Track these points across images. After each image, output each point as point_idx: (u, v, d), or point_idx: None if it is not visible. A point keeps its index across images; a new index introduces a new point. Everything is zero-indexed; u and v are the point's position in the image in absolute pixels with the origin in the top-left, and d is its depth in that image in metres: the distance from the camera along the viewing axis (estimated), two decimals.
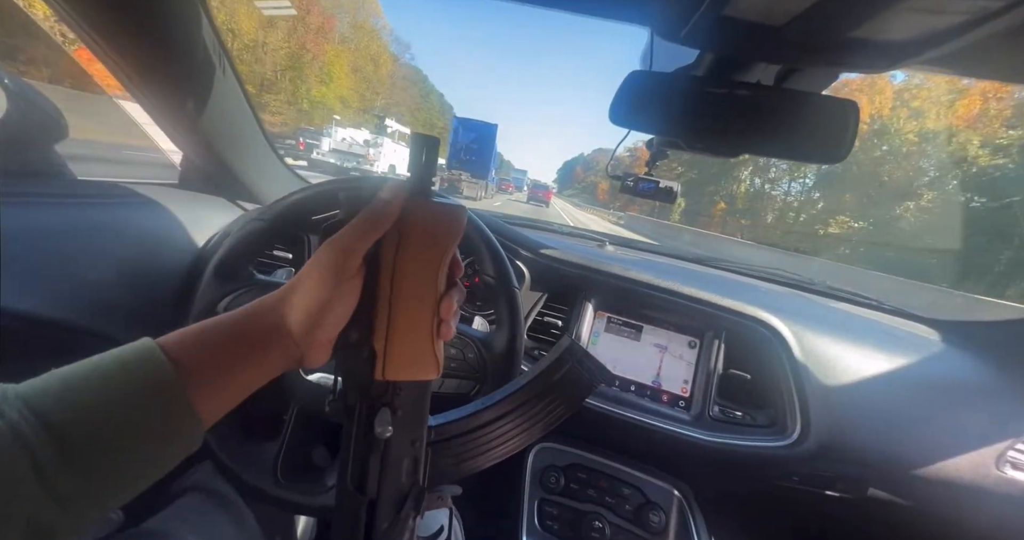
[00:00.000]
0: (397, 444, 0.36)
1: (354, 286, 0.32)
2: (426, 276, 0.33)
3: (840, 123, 0.60)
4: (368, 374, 0.34)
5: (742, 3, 0.45)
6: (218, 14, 1.11)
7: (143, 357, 0.26)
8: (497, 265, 0.63)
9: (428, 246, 0.33)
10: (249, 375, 0.30)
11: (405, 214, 0.32)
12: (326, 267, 0.32)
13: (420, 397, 0.37)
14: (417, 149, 0.33)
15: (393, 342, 0.33)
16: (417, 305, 0.34)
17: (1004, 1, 0.35)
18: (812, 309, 1.05)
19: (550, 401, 0.43)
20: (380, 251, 0.33)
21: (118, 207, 0.70)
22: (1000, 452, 0.73)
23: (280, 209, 0.65)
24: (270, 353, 0.31)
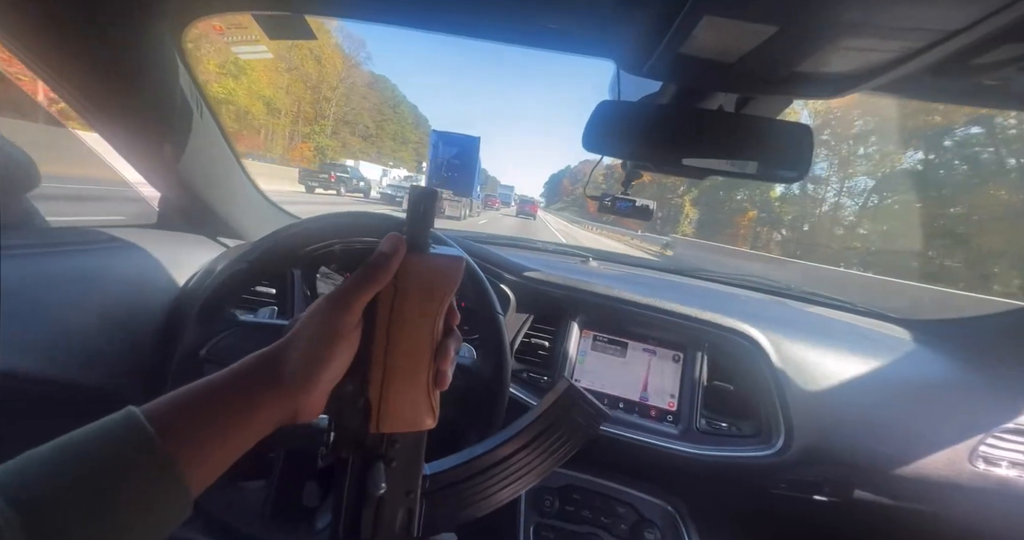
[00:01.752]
0: (391, 497, 0.35)
1: (352, 340, 0.32)
2: (423, 327, 0.33)
3: (796, 145, 0.64)
4: (363, 427, 0.33)
5: (696, 43, 0.49)
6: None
7: (127, 428, 0.26)
8: (480, 293, 0.64)
9: (425, 298, 0.33)
10: (241, 437, 0.29)
11: (403, 267, 0.32)
12: (324, 323, 0.31)
13: (415, 448, 0.36)
14: (416, 202, 0.33)
15: (389, 394, 0.33)
16: (413, 357, 0.33)
17: (922, 42, 0.39)
18: (790, 315, 1.09)
19: (549, 445, 0.43)
20: (377, 304, 0.33)
21: (95, 253, 0.69)
22: (972, 447, 0.76)
23: (264, 249, 0.65)
24: (263, 411, 0.30)
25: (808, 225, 35.61)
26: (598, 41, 0.62)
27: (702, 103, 0.68)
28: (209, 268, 0.80)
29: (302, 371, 0.31)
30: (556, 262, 1.17)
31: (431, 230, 0.35)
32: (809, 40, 0.43)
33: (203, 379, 0.30)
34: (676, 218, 51.29)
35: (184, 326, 0.64)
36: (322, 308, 0.32)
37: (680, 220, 50.61)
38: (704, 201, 47.72)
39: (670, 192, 51.71)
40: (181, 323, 0.66)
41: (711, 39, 0.47)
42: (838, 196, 33.71)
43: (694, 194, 49.10)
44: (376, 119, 73.73)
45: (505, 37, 0.64)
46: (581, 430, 0.44)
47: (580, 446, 0.44)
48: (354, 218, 0.66)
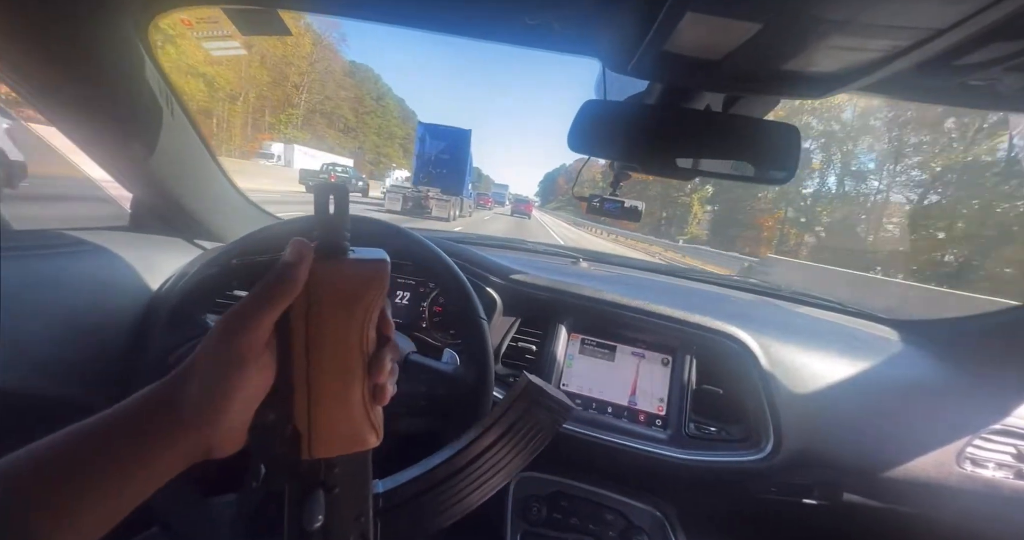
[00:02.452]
0: (338, 525, 0.32)
1: (261, 364, 0.28)
2: (347, 341, 0.30)
3: (784, 146, 0.63)
4: (293, 455, 0.30)
5: (680, 40, 0.47)
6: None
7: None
8: (462, 298, 0.63)
9: (346, 308, 0.30)
10: (140, 481, 0.25)
11: (314, 277, 0.29)
12: (223, 349, 0.27)
13: (360, 469, 0.33)
14: (322, 201, 0.30)
15: (318, 418, 0.30)
16: (341, 374, 0.30)
17: (909, 41, 0.38)
18: (779, 316, 1.08)
19: (514, 444, 0.41)
20: (290, 321, 0.29)
21: (62, 257, 0.66)
22: (960, 449, 0.76)
23: (238, 251, 0.63)
24: (164, 452, 0.26)
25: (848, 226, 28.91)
26: (581, 38, 0.61)
27: (689, 103, 0.67)
28: (184, 271, 0.78)
29: (205, 406, 0.27)
30: (545, 263, 1.16)
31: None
32: (794, 38, 0.42)
33: (93, 419, 0.26)
34: (684, 218, 46.60)
35: (153, 332, 0.61)
36: (217, 332, 0.28)
37: (688, 221, 45.88)
38: (720, 199, 42.13)
39: (676, 190, 46.36)
40: (150, 329, 0.63)
41: (695, 36, 0.46)
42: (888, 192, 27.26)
43: (705, 193, 44.22)
44: (357, 111, 65.66)
45: (485, 34, 0.62)
46: (545, 426, 0.42)
47: (546, 442, 0.43)
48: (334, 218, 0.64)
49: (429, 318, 0.93)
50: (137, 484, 0.25)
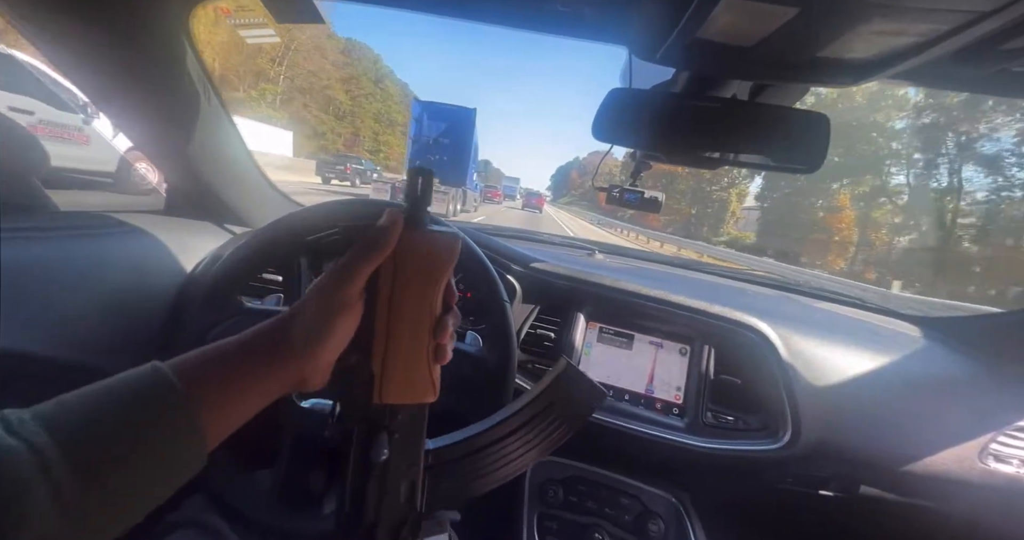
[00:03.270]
0: (395, 468, 0.36)
1: (354, 311, 0.33)
2: (422, 302, 0.35)
3: (812, 135, 0.63)
4: (366, 397, 0.34)
5: (713, 27, 0.47)
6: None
7: (152, 379, 0.27)
8: (487, 282, 0.64)
9: (423, 273, 0.34)
10: (252, 397, 0.31)
11: (401, 242, 0.34)
12: (328, 292, 0.33)
13: (417, 421, 0.37)
14: (412, 180, 0.35)
15: (390, 366, 0.34)
16: (414, 330, 0.35)
17: (952, 24, 0.38)
18: (798, 311, 1.08)
19: (549, 423, 0.43)
20: (378, 278, 0.34)
21: (102, 238, 0.69)
22: (983, 445, 0.76)
23: (270, 234, 0.65)
24: (273, 375, 0.32)
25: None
26: (611, 25, 0.61)
27: (715, 91, 0.67)
28: (216, 254, 0.80)
29: (307, 341, 0.32)
30: (562, 254, 1.17)
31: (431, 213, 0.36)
32: (831, 23, 0.42)
33: (220, 341, 0.32)
34: (719, 216, 38.24)
35: (190, 311, 0.64)
36: (326, 280, 0.33)
37: (725, 219, 37.47)
38: (772, 196, 33.71)
39: (711, 184, 39.39)
40: (187, 308, 0.66)
41: (729, 22, 0.46)
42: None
43: (743, 189, 37.86)
44: (352, 93, 57.75)
45: (515, 22, 0.63)
46: (579, 408, 0.45)
47: (579, 425, 0.45)
48: (359, 205, 0.65)
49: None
50: (251, 396, 0.31)
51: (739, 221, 36.57)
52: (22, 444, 0.22)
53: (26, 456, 0.22)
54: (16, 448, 0.22)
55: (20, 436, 0.22)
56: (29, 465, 0.22)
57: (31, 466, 0.22)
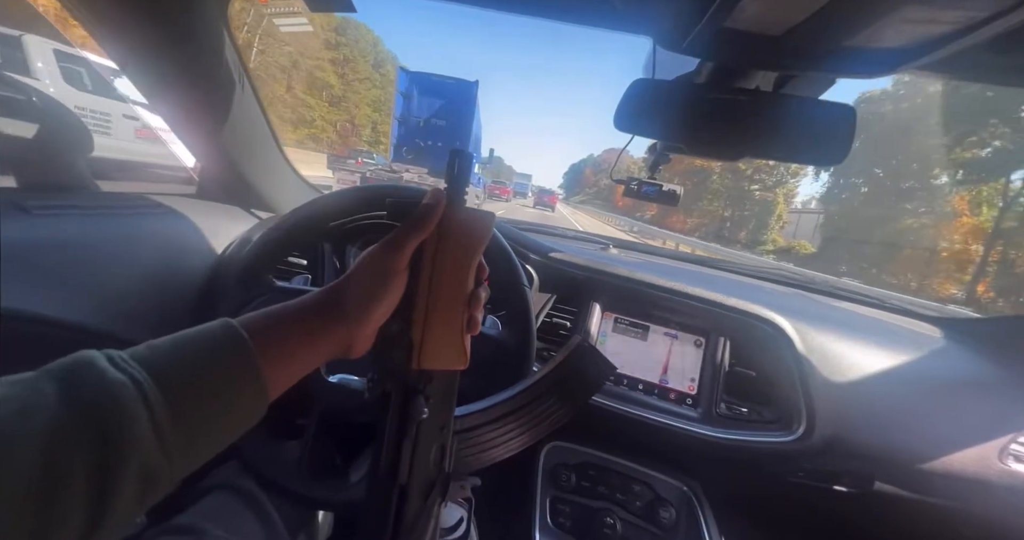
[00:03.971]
0: (428, 430, 0.39)
1: (401, 281, 0.36)
2: (459, 275, 0.37)
3: (838, 127, 0.63)
4: (405, 363, 0.37)
5: (742, 15, 0.48)
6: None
7: (224, 331, 0.30)
8: (508, 267, 0.65)
9: (462, 248, 0.37)
10: (307, 356, 0.33)
11: (443, 219, 0.37)
12: (380, 263, 0.36)
13: (449, 386, 0.40)
14: (452, 164, 0.38)
15: (429, 334, 0.37)
16: (451, 301, 0.37)
17: (989, 11, 0.38)
18: (815, 308, 1.07)
19: (563, 394, 0.46)
20: (423, 251, 0.37)
21: (141, 217, 0.72)
22: (1003, 445, 0.75)
23: (297, 218, 0.67)
24: (327, 337, 0.34)
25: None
26: (638, 15, 0.61)
27: (739, 82, 0.67)
28: (246, 237, 0.83)
29: (359, 306, 0.35)
30: (577, 248, 1.18)
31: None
32: (863, 10, 0.42)
33: (279, 306, 0.34)
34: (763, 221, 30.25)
35: (224, 290, 0.67)
36: (378, 251, 0.36)
37: (769, 224, 29.43)
38: (838, 195, 26.07)
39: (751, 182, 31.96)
40: (220, 287, 0.69)
41: (759, 10, 0.46)
42: None
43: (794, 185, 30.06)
44: (346, 77, 50.35)
45: (543, 11, 0.63)
46: (593, 380, 0.48)
47: (591, 396, 0.48)
48: (378, 191, 0.68)
49: None
50: (307, 354, 0.33)
51: (785, 226, 29.87)
52: (126, 377, 0.24)
53: (131, 389, 0.24)
54: (122, 380, 0.24)
55: (124, 370, 0.25)
56: (135, 397, 0.24)
57: (136, 399, 0.24)
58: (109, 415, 0.23)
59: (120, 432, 0.23)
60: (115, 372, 0.25)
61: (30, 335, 0.53)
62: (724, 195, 34.92)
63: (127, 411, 0.23)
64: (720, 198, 35.16)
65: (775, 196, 30.59)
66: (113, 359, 0.26)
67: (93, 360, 0.25)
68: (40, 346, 0.54)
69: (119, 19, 0.59)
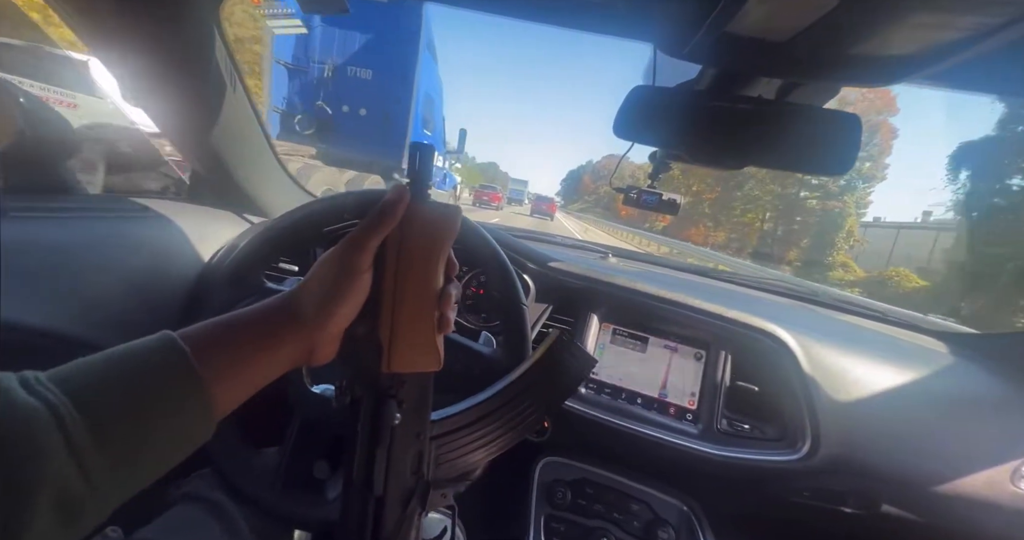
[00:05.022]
0: (402, 436, 0.37)
1: (364, 281, 0.34)
2: (426, 272, 0.36)
3: (842, 136, 0.61)
4: (375, 366, 0.35)
5: (745, 20, 0.46)
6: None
7: (163, 345, 0.28)
8: (506, 283, 0.63)
9: (428, 244, 0.36)
10: (262, 366, 0.32)
11: (407, 215, 0.35)
12: (340, 262, 0.34)
13: (423, 390, 0.38)
14: (412, 157, 0.36)
15: (398, 335, 0.35)
16: (419, 299, 0.36)
17: (1005, 17, 0.36)
18: (818, 321, 1.05)
19: (544, 390, 0.45)
20: (386, 249, 0.35)
21: (127, 221, 0.70)
22: (1015, 467, 0.72)
23: (291, 221, 0.65)
24: (284, 345, 0.32)
25: None
26: (639, 20, 0.60)
27: (742, 90, 0.66)
28: (233, 244, 0.81)
29: (318, 309, 0.33)
30: (575, 256, 1.16)
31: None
32: (872, 15, 0.41)
33: (230, 314, 0.32)
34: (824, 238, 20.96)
35: (211, 291, 0.65)
36: (339, 249, 0.35)
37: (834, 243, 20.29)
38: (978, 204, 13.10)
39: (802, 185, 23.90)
40: (206, 293, 0.67)
41: (763, 15, 0.44)
42: None
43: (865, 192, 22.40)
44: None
45: (545, 16, 0.62)
46: (574, 374, 0.46)
47: (573, 391, 0.47)
48: (373, 195, 0.66)
49: (463, 300, 0.95)
50: (262, 366, 0.31)
51: (856, 245, 20.94)
52: (39, 402, 0.23)
53: (44, 413, 0.22)
54: (34, 406, 0.22)
55: (38, 394, 0.23)
56: (48, 424, 0.22)
57: (49, 425, 0.22)
58: (14, 446, 0.21)
59: (28, 463, 0.21)
60: (26, 397, 0.23)
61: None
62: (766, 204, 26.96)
63: (36, 440, 0.22)
64: (760, 208, 27.33)
65: (843, 206, 21.74)
66: (28, 382, 0.24)
67: (1, 384, 0.23)
68: (9, 355, 0.51)
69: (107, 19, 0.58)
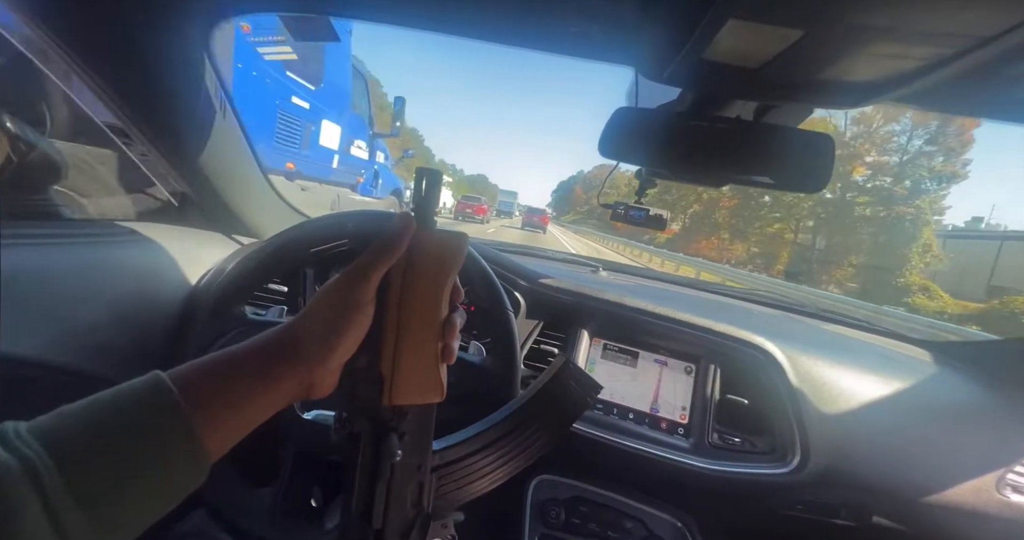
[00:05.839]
0: (403, 470, 0.36)
1: (367, 313, 0.33)
2: (431, 302, 0.35)
3: (817, 155, 0.63)
4: (375, 400, 0.34)
5: (719, 47, 0.48)
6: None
7: (153, 391, 0.27)
8: (492, 294, 0.64)
9: (433, 273, 0.35)
10: (259, 405, 0.30)
11: (412, 243, 0.34)
12: (342, 294, 0.33)
13: (425, 421, 0.37)
14: (419, 182, 0.35)
15: (400, 367, 0.34)
16: (423, 330, 0.35)
17: (955, 49, 0.38)
18: (805, 332, 1.06)
19: (549, 417, 0.44)
20: (390, 278, 0.34)
21: (113, 246, 0.70)
22: (1000, 476, 0.73)
23: (276, 244, 0.65)
24: (281, 382, 0.31)
25: None
26: (619, 46, 0.62)
27: (720, 111, 0.68)
28: (221, 267, 0.81)
29: (319, 345, 0.32)
30: (566, 271, 1.17)
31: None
32: (836, 46, 0.43)
33: (225, 350, 0.31)
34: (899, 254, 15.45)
35: (195, 323, 0.64)
36: (340, 281, 0.33)
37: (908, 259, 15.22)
38: None
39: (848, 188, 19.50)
40: (192, 320, 0.66)
41: (735, 43, 0.47)
42: None
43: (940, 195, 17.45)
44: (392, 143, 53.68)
45: (525, 41, 0.64)
46: (579, 400, 0.46)
47: (578, 417, 0.46)
48: (363, 217, 0.66)
49: None
50: (258, 404, 0.30)
51: (933, 262, 16.07)
52: (15, 458, 0.21)
53: (17, 471, 0.21)
54: (7, 462, 0.21)
55: (15, 450, 0.22)
56: (20, 481, 0.21)
57: (22, 482, 0.21)
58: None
59: (1, 524, 0.20)
60: (1, 453, 0.22)
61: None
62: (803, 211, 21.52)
63: (8, 500, 0.20)
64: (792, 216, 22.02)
65: (916, 212, 16.27)
66: (5, 436, 0.23)
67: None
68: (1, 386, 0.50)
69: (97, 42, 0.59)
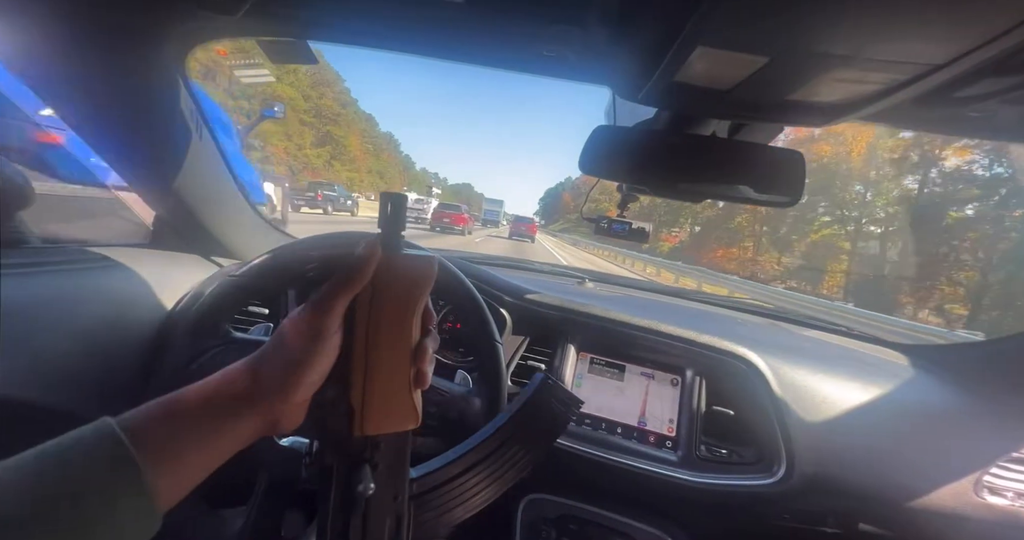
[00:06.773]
0: (378, 502, 0.35)
1: (332, 345, 0.32)
2: (401, 328, 0.34)
3: (789, 171, 0.65)
4: (346, 431, 0.33)
5: (691, 71, 0.50)
6: None
7: (100, 439, 0.25)
8: (478, 319, 0.64)
9: (401, 298, 0.34)
10: (218, 447, 0.29)
11: (379, 269, 0.33)
12: (305, 326, 0.31)
13: (400, 450, 0.36)
14: (384, 206, 0.34)
15: (371, 396, 0.33)
16: (393, 356, 0.34)
17: (908, 75, 0.40)
18: (787, 339, 1.08)
19: (529, 437, 0.43)
20: (356, 307, 0.33)
21: (84, 273, 0.68)
22: (978, 478, 0.75)
23: (258, 265, 0.64)
24: (241, 421, 0.30)
25: None
26: (594, 69, 0.64)
27: (696, 129, 0.70)
28: (199, 291, 0.79)
29: (283, 380, 0.31)
30: (552, 283, 1.17)
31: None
32: (799, 71, 0.45)
33: (179, 390, 0.30)
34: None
35: (172, 346, 0.62)
36: (304, 313, 0.32)
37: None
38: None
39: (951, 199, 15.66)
40: (168, 344, 0.64)
41: (705, 68, 0.48)
42: None
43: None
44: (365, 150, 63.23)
45: (502, 64, 0.66)
46: (560, 418, 0.45)
47: (559, 435, 0.45)
48: (346, 238, 0.66)
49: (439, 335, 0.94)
50: (216, 446, 0.29)
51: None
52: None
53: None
54: None
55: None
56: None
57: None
58: None
59: None
60: None
61: None
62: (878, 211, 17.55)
63: None
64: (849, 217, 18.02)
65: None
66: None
67: None
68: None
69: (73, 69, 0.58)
